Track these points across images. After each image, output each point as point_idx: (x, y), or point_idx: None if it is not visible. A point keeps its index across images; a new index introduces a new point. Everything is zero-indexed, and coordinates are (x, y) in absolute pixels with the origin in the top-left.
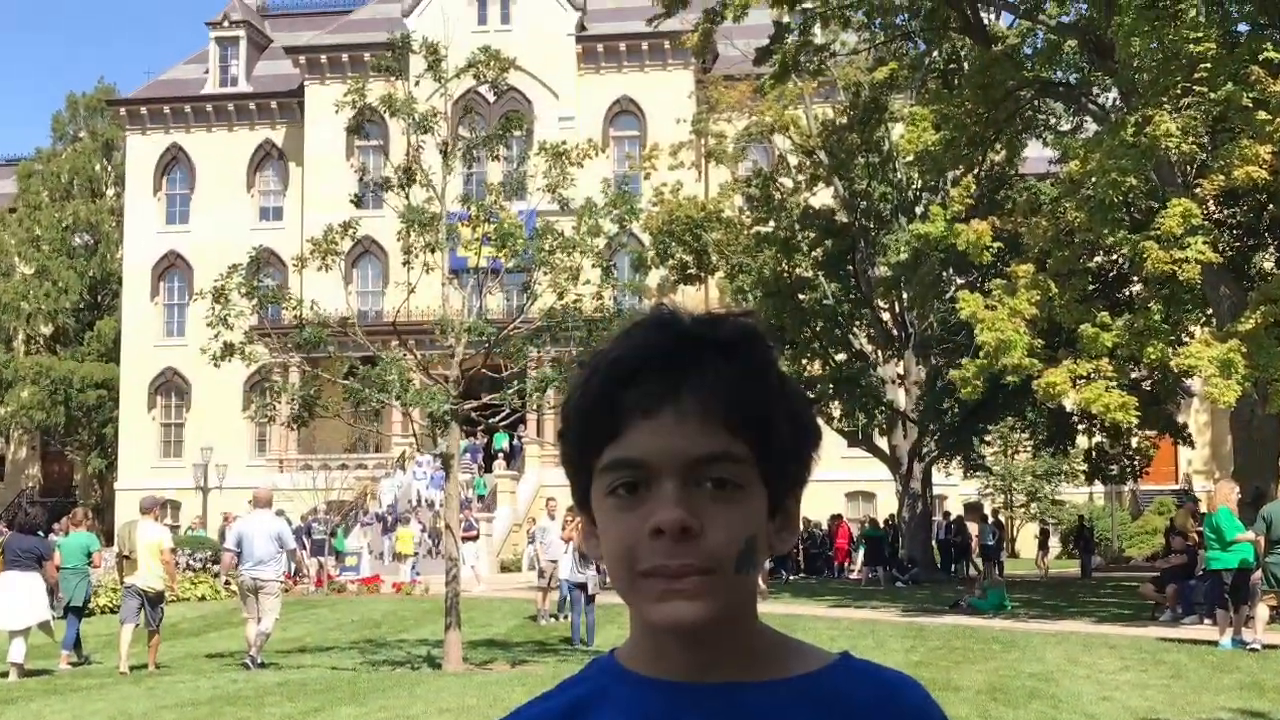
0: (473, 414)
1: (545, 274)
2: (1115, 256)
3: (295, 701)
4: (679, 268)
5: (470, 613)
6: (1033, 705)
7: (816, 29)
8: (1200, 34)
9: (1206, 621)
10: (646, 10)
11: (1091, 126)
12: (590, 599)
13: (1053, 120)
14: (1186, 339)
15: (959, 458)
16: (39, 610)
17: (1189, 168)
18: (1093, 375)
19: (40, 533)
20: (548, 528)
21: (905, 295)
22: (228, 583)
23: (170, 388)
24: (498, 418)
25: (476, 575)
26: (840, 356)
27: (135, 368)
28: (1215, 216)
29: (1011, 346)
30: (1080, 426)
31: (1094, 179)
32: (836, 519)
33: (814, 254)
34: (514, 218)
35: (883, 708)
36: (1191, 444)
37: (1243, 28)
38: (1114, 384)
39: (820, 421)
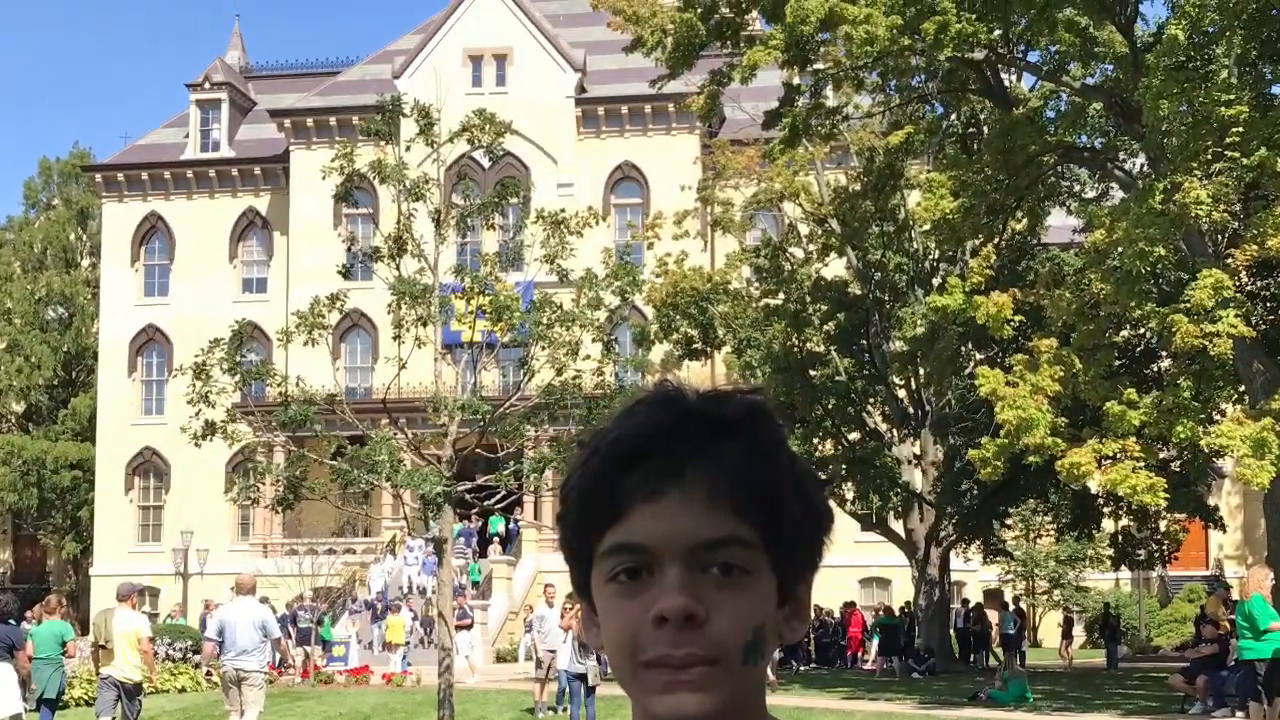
0: (467, 496)
1: (543, 349)
2: (1143, 330)
3: None
4: (684, 342)
5: (464, 705)
6: None
7: (828, 91)
8: (1232, 96)
9: (1239, 715)
10: (649, 72)
11: (1118, 194)
12: (590, 690)
13: (1077, 187)
14: (1218, 417)
15: (978, 542)
16: (10, 703)
17: (1220, 237)
18: (1119, 455)
19: (11, 621)
20: (546, 616)
21: (922, 371)
22: (209, 674)
23: (149, 468)
24: (493, 500)
25: (471, 666)
26: (853, 435)
27: (112, 447)
28: (1248, 288)
29: (1034, 425)
30: (1106, 509)
31: (1120, 249)
32: (849, 606)
33: (826, 328)
34: (510, 290)
35: None
36: (1223, 528)
37: (1276, 90)
38: (1141, 464)
39: (832, 504)
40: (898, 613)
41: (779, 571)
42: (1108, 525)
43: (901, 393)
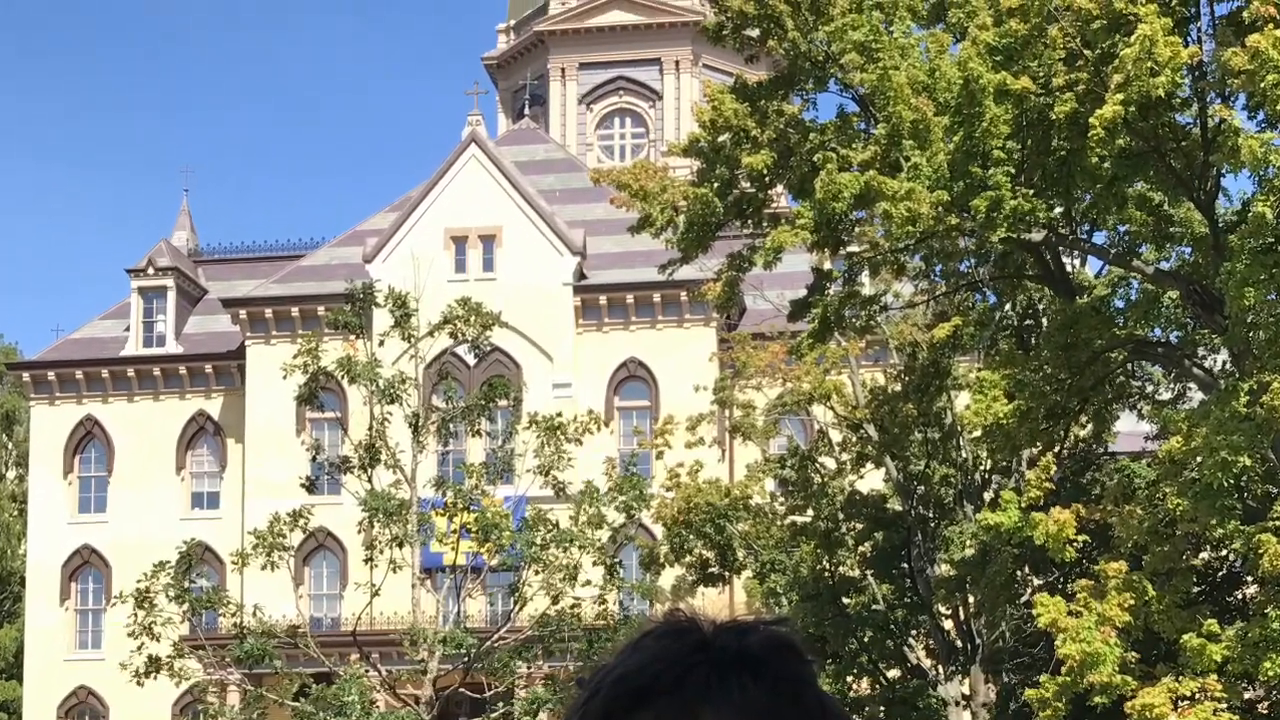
0: None
1: (537, 573)
2: (1225, 552)
3: None
4: (698, 565)
5: None
6: None
7: (864, 278)
8: None
9: None
10: (658, 255)
11: (1197, 395)
12: None
13: (1149, 387)
14: None
15: None
16: None
17: None
18: (1198, 695)
19: None
20: None
21: (971, 599)
22: None
23: (84, 710)
24: None
25: None
26: (893, 673)
27: (41, 687)
28: None
29: (1100, 661)
30: None
31: (1200, 458)
32: None
33: (861, 549)
34: (499, 506)
35: None
36: None
37: None
38: (1224, 706)
39: None
40: None
41: None
42: None
43: (948, 624)
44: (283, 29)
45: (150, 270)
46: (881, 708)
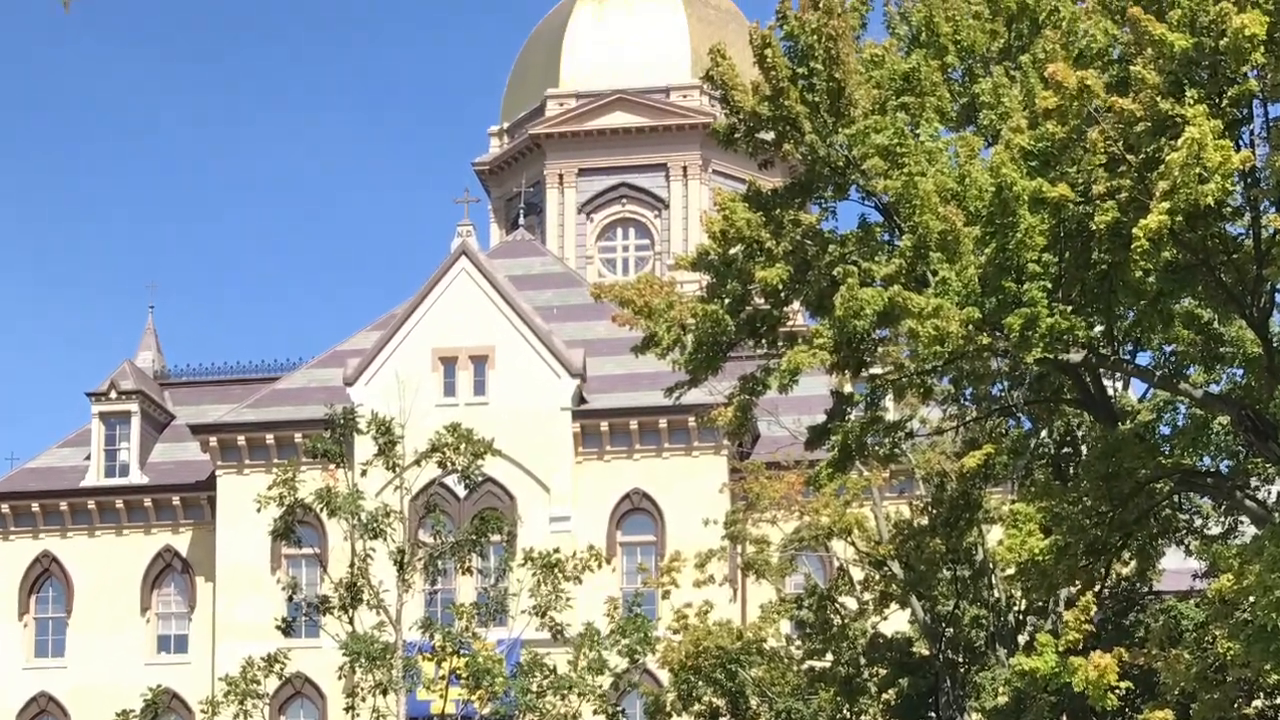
0: None
1: None
2: None
3: None
4: (708, 714)
5: None
6: None
7: (888, 402)
8: None
9: None
10: (665, 378)
11: (1249, 529)
12: None
13: (1198, 521)
14: None
15: None
16: None
17: None
18: None
19: None
20: None
21: None
22: None
23: None
24: None
25: None
26: None
27: None
28: None
29: None
30: None
31: (1252, 598)
32: None
33: (885, 697)
34: (491, 649)
35: None
36: None
37: None
38: None
39: None
40: None
41: None
42: None
43: None
44: (253, 133)
45: (113, 394)
46: None
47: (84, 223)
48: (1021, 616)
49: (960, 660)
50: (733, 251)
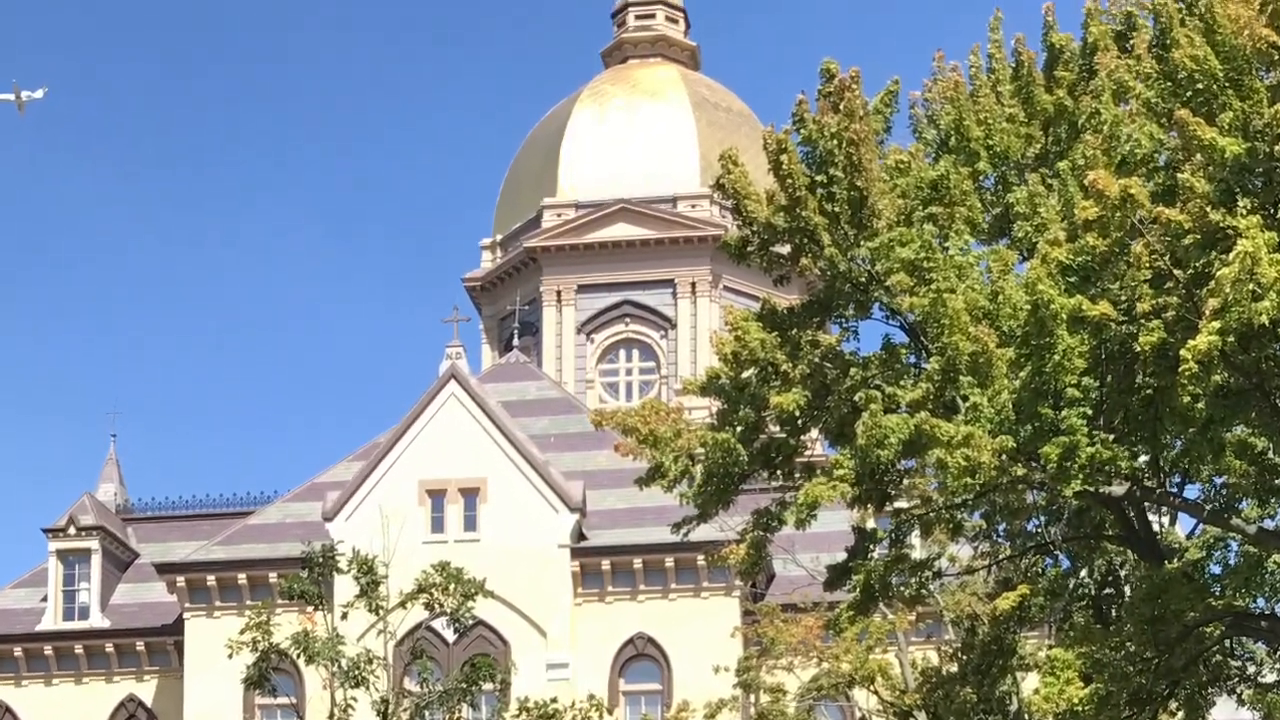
0: None
1: None
2: None
3: None
4: None
5: None
6: None
7: (914, 539)
8: None
9: None
10: (671, 512)
11: None
12: None
13: (1251, 668)
14: None
15: None
16: None
17: None
18: None
19: None
20: None
21: None
22: None
23: None
24: None
25: None
26: None
27: None
28: None
29: None
30: None
31: None
32: None
33: None
34: None
35: None
36: None
37: None
38: None
39: None
40: None
41: None
42: None
43: None
44: (223, 247)
45: (71, 530)
46: None
47: (38, 343)
48: None
49: None
50: (745, 375)
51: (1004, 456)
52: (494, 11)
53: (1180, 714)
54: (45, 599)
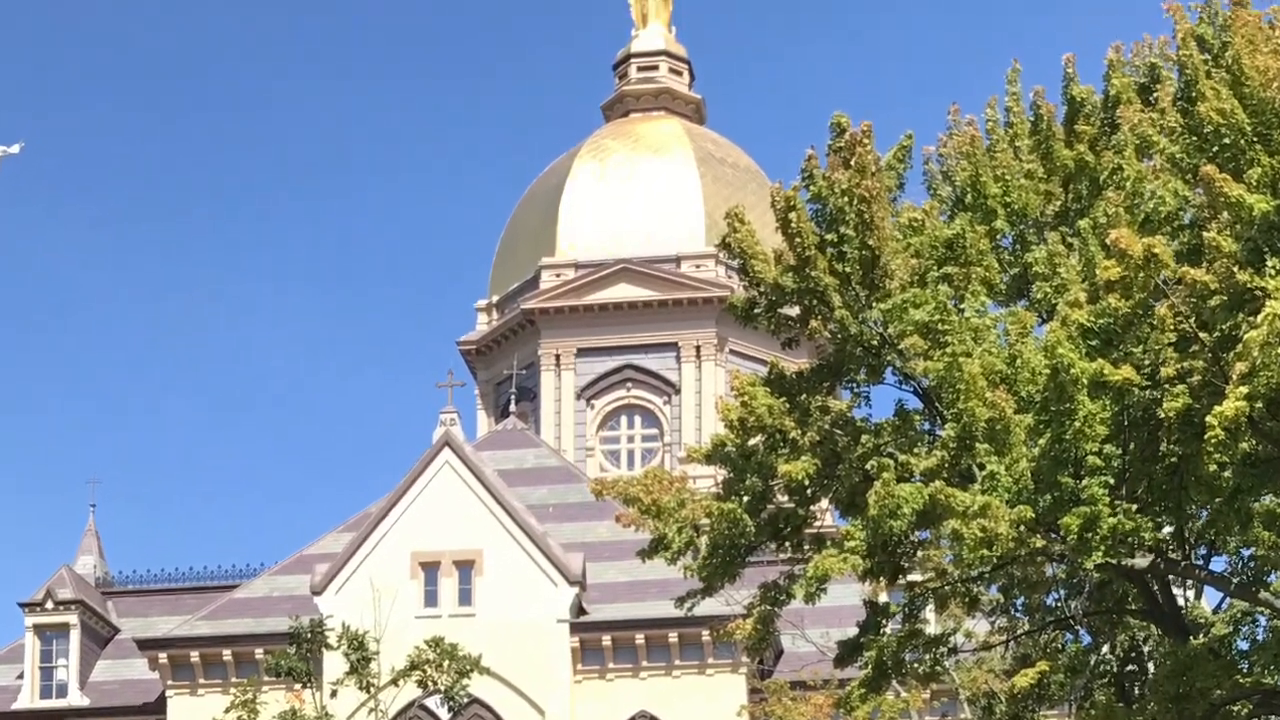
0: None
1: None
2: None
3: None
4: None
5: None
6: None
7: (929, 613)
8: None
9: None
10: (675, 586)
11: None
12: None
13: None
14: None
15: None
16: None
17: None
18: None
19: None
20: None
21: None
22: None
23: None
24: None
25: None
26: None
27: None
28: None
29: None
30: None
31: None
32: None
33: None
34: None
35: None
36: None
37: None
38: None
39: None
40: None
41: None
42: None
43: None
44: (207, 309)
45: (49, 604)
46: None
47: (14, 408)
48: None
49: None
50: (752, 442)
51: (1022, 527)
52: (489, 64)
53: None
54: (21, 676)
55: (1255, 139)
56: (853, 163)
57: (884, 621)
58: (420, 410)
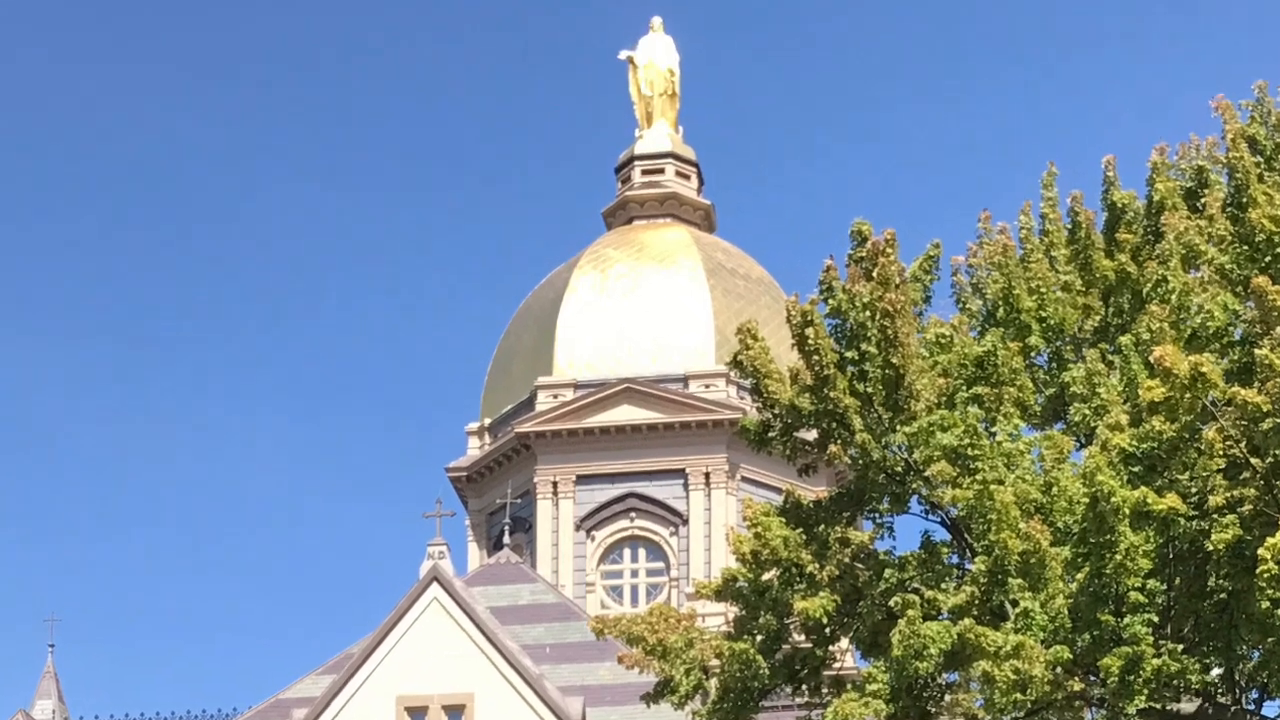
0: None
1: None
2: None
3: None
4: None
5: None
6: None
7: None
8: None
9: None
10: None
11: None
12: None
13: None
14: None
15: None
16: None
17: None
18: None
19: None
20: None
21: None
22: None
23: None
24: None
25: None
26: None
27: None
28: None
29: None
30: None
31: None
32: None
33: None
34: None
35: None
36: None
37: None
38: None
39: None
40: None
41: None
42: None
43: None
44: (172, 432)
45: None
46: None
47: None
48: None
49: None
50: (766, 577)
51: (1059, 669)
52: (481, 167)
53: None
54: None
55: None
56: (875, 274)
57: None
58: (406, 542)
